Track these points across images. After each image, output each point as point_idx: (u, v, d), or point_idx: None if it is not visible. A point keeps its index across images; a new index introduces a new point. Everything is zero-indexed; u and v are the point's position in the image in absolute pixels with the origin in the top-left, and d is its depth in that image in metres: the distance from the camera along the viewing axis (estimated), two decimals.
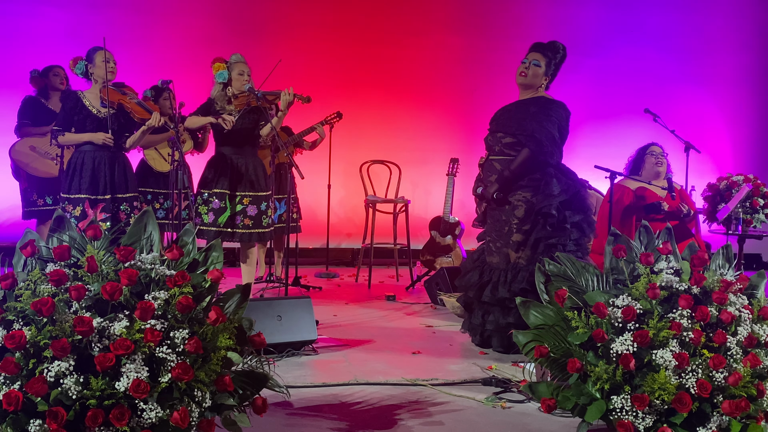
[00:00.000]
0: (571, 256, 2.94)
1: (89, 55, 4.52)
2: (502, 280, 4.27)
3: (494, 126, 4.44)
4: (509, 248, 4.32)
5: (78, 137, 4.48)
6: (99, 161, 4.46)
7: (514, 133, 4.28)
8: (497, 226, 4.39)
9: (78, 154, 4.48)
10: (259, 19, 7.98)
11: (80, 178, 4.43)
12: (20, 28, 7.34)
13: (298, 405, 3.23)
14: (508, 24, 8.40)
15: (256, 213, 4.78)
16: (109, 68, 4.47)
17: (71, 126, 4.48)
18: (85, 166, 4.44)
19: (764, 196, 5.78)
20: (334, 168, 7.28)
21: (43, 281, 2.29)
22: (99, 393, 2.09)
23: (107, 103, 4.42)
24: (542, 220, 4.25)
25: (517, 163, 4.26)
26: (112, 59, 4.52)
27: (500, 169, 4.33)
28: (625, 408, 2.50)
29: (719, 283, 2.71)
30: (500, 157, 4.37)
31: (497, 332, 4.29)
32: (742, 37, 9.06)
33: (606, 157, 5.98)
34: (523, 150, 4.25)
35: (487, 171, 4.43)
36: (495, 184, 4.32)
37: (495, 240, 4.40)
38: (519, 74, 4.38)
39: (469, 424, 3.05)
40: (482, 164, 4.53)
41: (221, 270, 2.50)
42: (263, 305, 4.06)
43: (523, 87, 4.40)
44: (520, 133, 4.26)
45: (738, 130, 9.13)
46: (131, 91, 4.60)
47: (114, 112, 4.47)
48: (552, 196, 4.25)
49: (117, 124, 4.49)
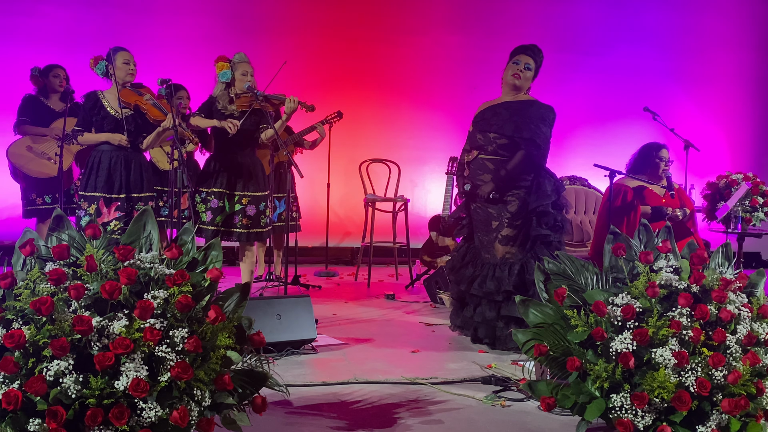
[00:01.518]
0: (570, 255, 2.94)
1: (110, 55, 4.54)
2: (491, 274, 4.37)
3: (484, 125, 4.47)
4: (497, 243, 4.41)
5: (96, 137, 4.53)
6: (115, 161, 4.51)
7: (512, 136, 4.36)
8: (483, 222, 4.48)
9: (96, 154, 4.54)
10: (258, 17, 7.98)
11: (96, 177, 4.48)
12: (20, 27, 7.33)
13: (298, 404, 3.23)
14: (506, 23, 8.39)
15: (254, 213, 4.78)
16: (129, 70, 4.53)
17: (91, 126, 4.53)
18: (102, 166, 4.49)
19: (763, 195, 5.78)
20: (333, 167, 7.28)
21: (43, 280, 2.29)
22: (98, 392, 2.09)
23: (124, 104, 4.46)
24: (536, 218, 4.36)
25: (513, 164, 4.35)
26: (133, 61, 4.56)
27: (494, 169, 4.39)
28: (625, 406, 2.50)
29: (719, 282, 2.71)
30: (494, 156, 4.42)
31: (483, 324, 4.39)
32: (740, 36, 9.06)
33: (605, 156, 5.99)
34: (520, 152, 4.35)
35: (478, 169, 4.47)
36: (491, 184, 4.38)
37: (482, 235, 4.49)
38: (512, 75, 4.44)
39: (468, 423, 3.05)
40: (469, 161, 4.54)
41: (220, 269, 2.50)
42: (263, 304, 4.06)
43: (513, 88, 4.48)
44: (519, 136, 4.34)
45: (737, 128, 9.14)
46: (148, 92, 4.61)
47: (131, 114, 4.51)
48: (547, 195, 4.37)
49: (134, 125, 4.54)
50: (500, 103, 4.50)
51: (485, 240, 4.48)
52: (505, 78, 4.49)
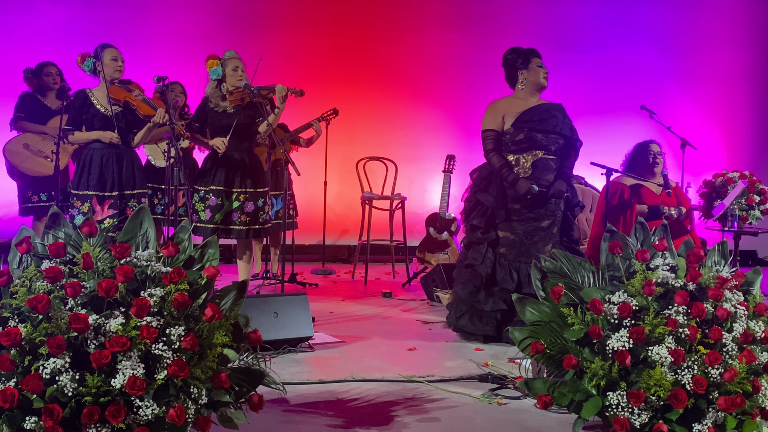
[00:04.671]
0: (567, 253, 2.95)
1: (97, 52, 4.53)
2: None
3: (545, 126, 4.49)
4: (546, 241, 4.53)
5: (87, 135, 4.53)
6: (107, 158, 4.51)
7: (570, 137, 4.57)
8: (533, 222, 4.52)
9: (87, 152, 4.54)
10: (254, 15, 7.97)
11: (88, 175, 4.49)
12: (14, 24, 7.32)
13: (295, 402, 3.23)
14: (504, 20, 8.40)
15: (253, 210, 4.78)
16: (117, 67, 4.52)
17: (81, 124, 4.53)
18: (94, 163, 4.49)
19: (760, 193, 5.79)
20: (330, 164, 7.28)
21: (39, 278, 2.28)
22: (95, 390, 2.08)
23: (113, 101, 4.44)
24: (570, 213, 4.67)
25: (572, 164, 4.64)
26: (120, 57, 4.55)
27: (556, 168, 4.54)
28: (621, 404, 2.50)
29: (715, 280, 2.72)
30: (554, 156, 4.55)
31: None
32: (737, 34, 9.08)
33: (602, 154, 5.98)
34: (574, 152, 4.62)
35: (544, 169, 4.50)
36: (563, 183, 4.53)
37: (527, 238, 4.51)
38: (544, 78, 4.61)
39: (465, 421, 3.05)
40: (534, 162, 4.48)
41: (217, 267, 2.49)
42: (259, 302, 4.06)
43: (541, 90, 4.64)
44: (574, 138, 4.60)
45: (734, 126, 9.15)
46: (137, 88, 4.60)
47: (120, 111, 4.50)
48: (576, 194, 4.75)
49: (124, 122, 4.54)
50: (544, 104, 4.60)
51: (534, 243, 4.49)
52: (535, 80, 4.57)
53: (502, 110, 4.56)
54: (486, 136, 4.59)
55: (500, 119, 4.55)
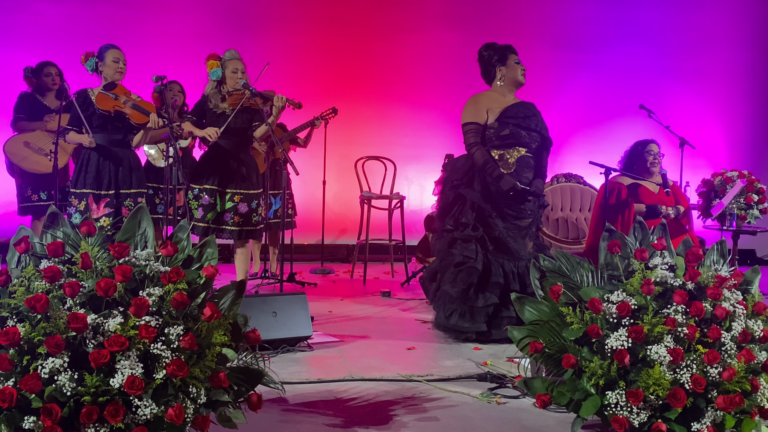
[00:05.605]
0: (566, 253, 2.95)
1: (101, 52, 4.53)
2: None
3: (527, 123, 4.50)
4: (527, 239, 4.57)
5: (80, 137, 4.55)
6: (105, 157, 4.54)
7: (546, 136, 4.60)
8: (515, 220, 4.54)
9: (86, 151, 4.57)
10: (253, 14, 7.97)
11: (85, 174, 4.52)
12: (14, 24, 7.31)
13: (294, 401, 3.23)
14: (503, 20, 8.40)
15: (246, 210, 4.77)
16: (118, 68, 4.54)
17: (82, 124, 4.52)
18: (91, 162, 4.53)
19: (758, 192, 5.80)
20: (329, 164, 7.28)
21: (37, 278, 2.28)
22: (93, 389, 2.08)
23: (102, 111, 4.46)
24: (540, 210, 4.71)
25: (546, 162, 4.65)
26: (123, 59, 4.56)
27: (534, 166, 4.56)
28: (620, 403, 2.51)
29: (714, 279, 2.72)
30: (532, 154, 4.56)
31: None
32: (736, 34, 9.08)
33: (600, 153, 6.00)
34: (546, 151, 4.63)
35: (524, 167, 4.52)
36: (541, 180, 4.57)
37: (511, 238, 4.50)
38: (522, 75, 4.62)
39: (464, 420, 3.05)
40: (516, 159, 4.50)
41: (216, 266, 2.49)
42: (258, 301, 4.06)
43: (517, 87, 4.65)
44: (547, 136, 4.61)
45: (732, 126, 9.16)
46: (123, 93, 4.54)
47: (112, 117, 4.53)
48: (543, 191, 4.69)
49: (124, 122, 4.55)
50: (523, 101, 4.60)
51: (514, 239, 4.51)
52: (514, 76, 4.58)
53: (485, 104, 4.55)
54: (468, 129, 4.57)
55: (484, 113, 4.53)
